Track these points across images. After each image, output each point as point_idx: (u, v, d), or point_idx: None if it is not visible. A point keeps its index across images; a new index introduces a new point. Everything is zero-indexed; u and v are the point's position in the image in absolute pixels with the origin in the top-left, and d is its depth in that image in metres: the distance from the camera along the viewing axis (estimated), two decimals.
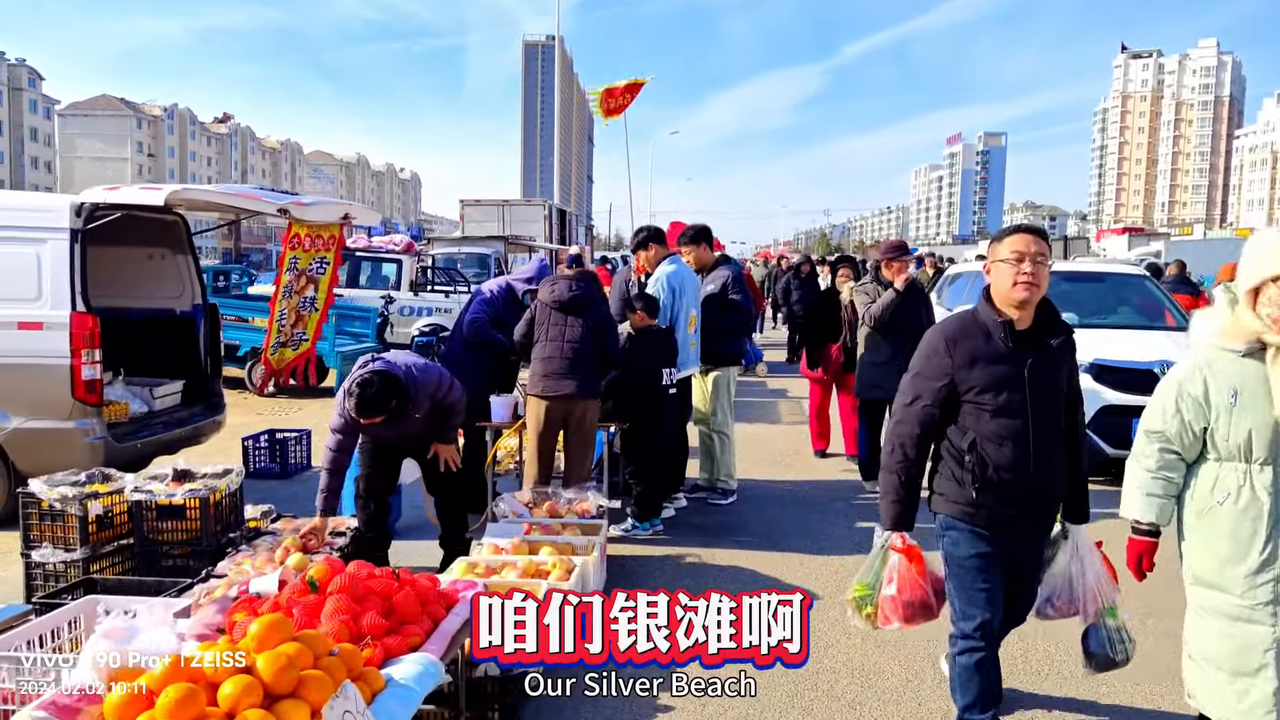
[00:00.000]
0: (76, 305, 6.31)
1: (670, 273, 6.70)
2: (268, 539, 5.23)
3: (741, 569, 5.77)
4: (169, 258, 7.78)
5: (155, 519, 5.00)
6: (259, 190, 6.61)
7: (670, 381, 6.33)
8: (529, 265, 7.22)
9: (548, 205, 26.83)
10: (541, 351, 6.05)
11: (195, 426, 7.60)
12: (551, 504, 5.79)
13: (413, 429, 5.29)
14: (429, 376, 5.29)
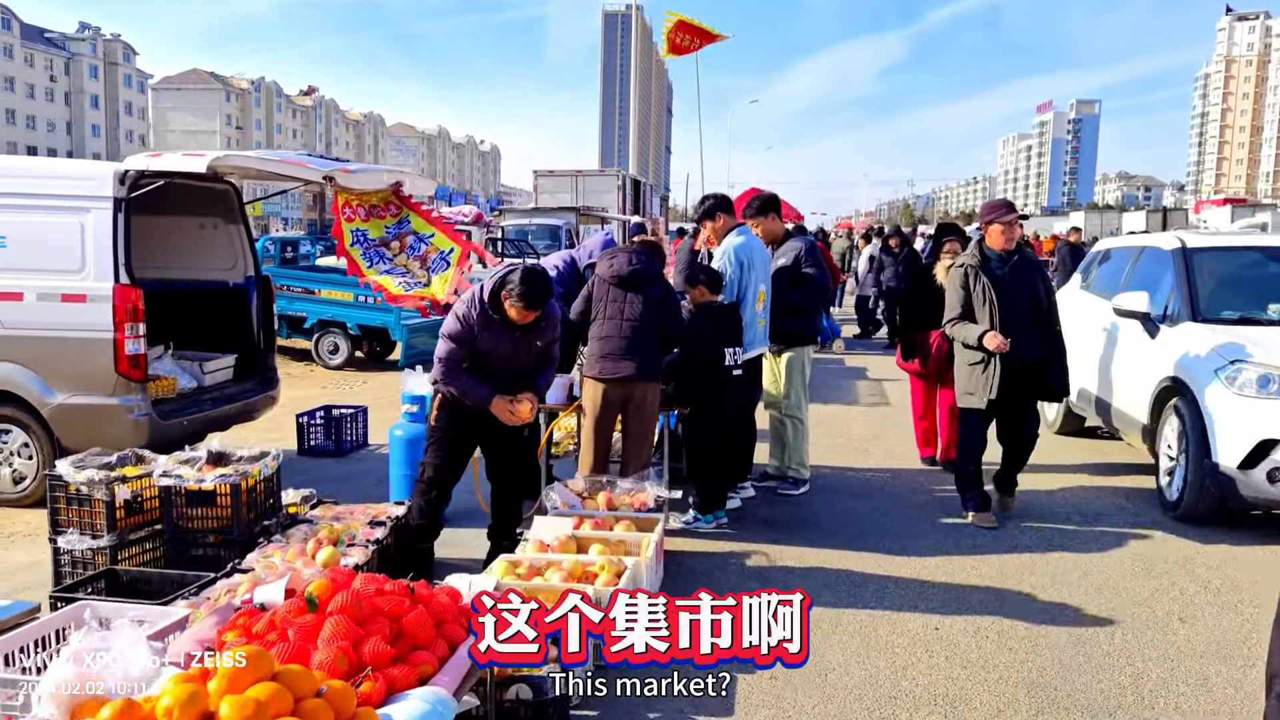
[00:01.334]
0: (120, 277, 6.06)
1: (738, 245, 6.20)
2: (304, 527, 4.92)
3: (812, 570, 5.29)
4: (221, 228, 7.54)
5: (185, 505, 4.72)
6: (304, 156, 6.29)
7: (735, 362, 5.83)
8: (594, 238, 6.75)
9: (621, 175, 26.36)
10: (599, 330, 5.61)
11: (247, 402, 7.37)
12: (607, 495, 5.37)
13: (527, 360, 4.98)
14: (553, 306, 5.04)
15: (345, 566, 4.35)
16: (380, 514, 5.16)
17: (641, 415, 5.66)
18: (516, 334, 4.83)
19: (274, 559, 4.43)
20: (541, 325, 4.89)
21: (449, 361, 4.83)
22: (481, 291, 4.82)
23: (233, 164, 6.14)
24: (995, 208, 6.19)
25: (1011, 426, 6.16)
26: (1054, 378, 6.04)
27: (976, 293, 5.91)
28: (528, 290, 4.66)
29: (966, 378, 6.01)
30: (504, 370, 4.94)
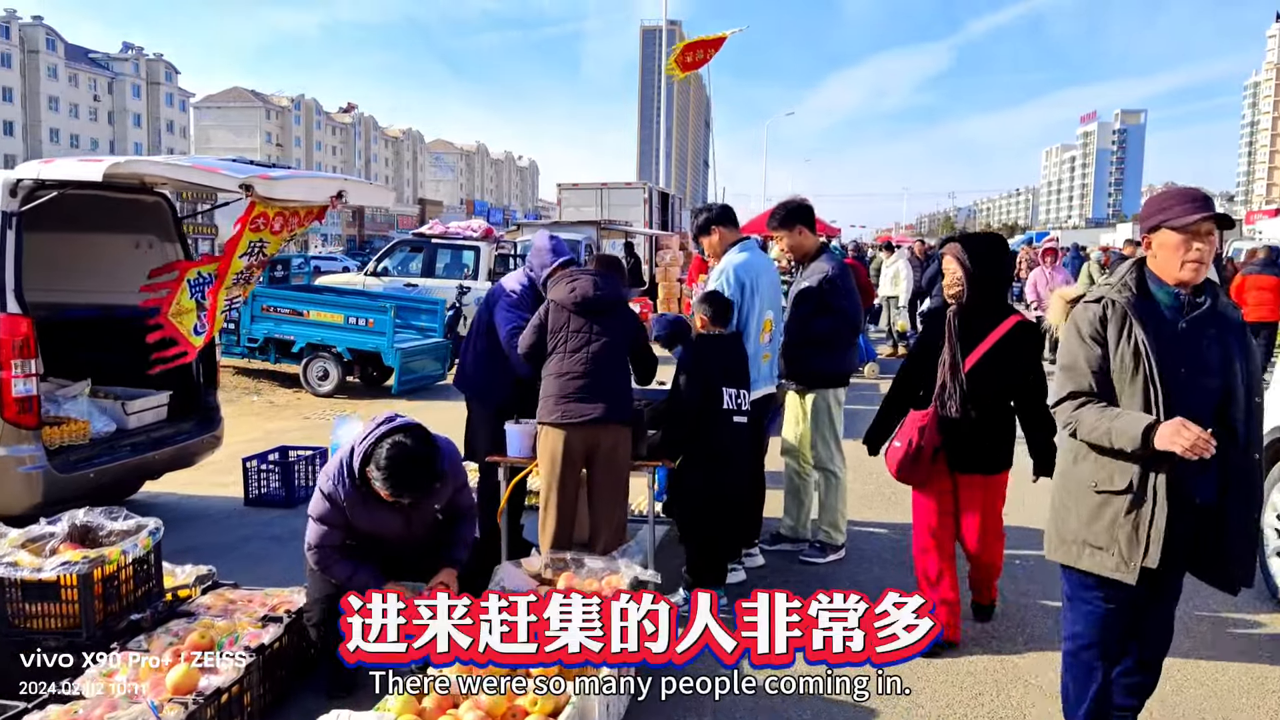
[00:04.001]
0: (7, 305, 5.12)
1: (739, 263, 5.11)
2: (181, 623, 3.89)
3: None
4: (156, 246, 6.59)
5: (21, 600, 3.71)
6: (220, 162, 5.31)
7: (737, 405, 4.74)
8: (538, 242, 5.37)
9: (648, 188, 25.32)
10: (558, 366, 4.57)
11: (182, 446, 6.39)
12: (570, 579, 4.29)
13: (425, 531, 4.00)
14: (454, 451, 4.10)
15: (206, 687, 3.33)
16: (281, 605, 4.13)
17: (612, 468, 4.60)
18: (405, 503, 3.82)
19: (118, 676, 3.41)
20: (437, 487, 3.89)
21: (322, 549, 3.85)
22: (347, 464, 3.80)
23: (134, 170, 5.17)
24: (1174, 200, 3.05)
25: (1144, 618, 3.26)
26: (1233, 547, 3.07)
27: (1121, 354, 3.00)
28: (394, 473, 3.65)
29: (1088, 516, 3.07)
30: (398, 548, 3.95)
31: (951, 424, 4.19)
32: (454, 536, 4.05)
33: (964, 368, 4.17)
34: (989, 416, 4.23)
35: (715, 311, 4.80)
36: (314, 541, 3.80)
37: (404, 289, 14.14)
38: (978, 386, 4.16)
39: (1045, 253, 14.95)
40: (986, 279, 4.21)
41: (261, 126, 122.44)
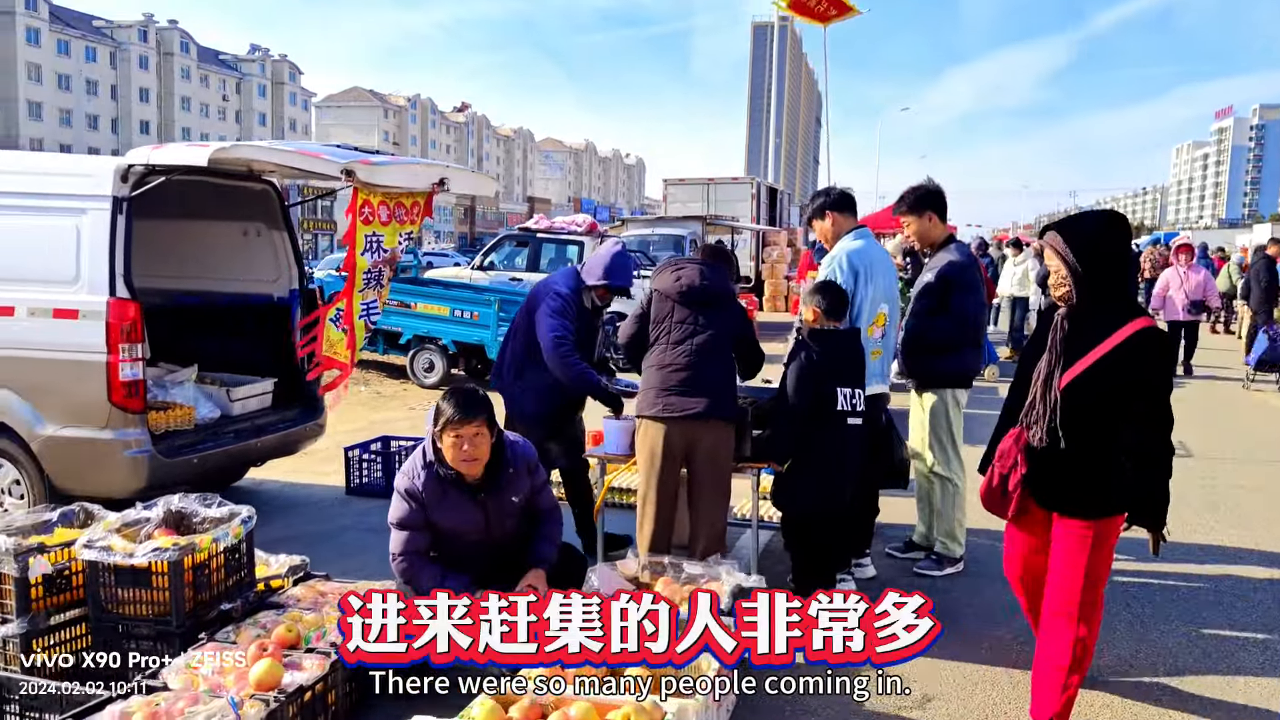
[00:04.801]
0: (116, 290, 5.16)
1: (853, 250, 4.80)
2: (269, 616, 3.80)
3: (953, 696, 3.85)
4: (265, 234, 6.62)
5: (114, 585, 3.67)
6: (322, 148, 5.27)
7: (851, 406, 4.43)
8: (601, 250, 5.24)
9: (755, 183, 24.93)
10: (660, 358, 4.35)
11: (286, 434, 6.40)
12: (668, 584, 4.07)
13: (508, 526, 3.84)
14: (531, 448, 3.98)
15: (289, 685, 3.22)
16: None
17: (714, 467, 4.36)
18: (481, 496, 3.71)
19: (203, 668, 3.33)
20: (508, 470, 3.76)
21: (408, 556, 3.73)
22: (424, 450, 3.73)
23: (240, 155, 5.16)
24: None
25: None
26: None
27: None
28: (454, 396, 3.68)
29: None
30: (483, 549, 3.79)
31: (1039, 452, 3.33)
32: (538, 536, 3.87)
33: (1059, 383, 3.27)
34: (1090, 445, 3.27)
35: (830, 304, 4.49)
36: (398, 549, 3.67)
37: (509, 283, 14.15)
38: (1076, 407, 3.25)
39: (1180, 249, 14.05)
40: (1101, 273, 3.25)
41: (379, 125, 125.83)
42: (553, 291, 4.98)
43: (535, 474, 3.85)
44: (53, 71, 76.62)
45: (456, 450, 3.59)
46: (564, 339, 4.81)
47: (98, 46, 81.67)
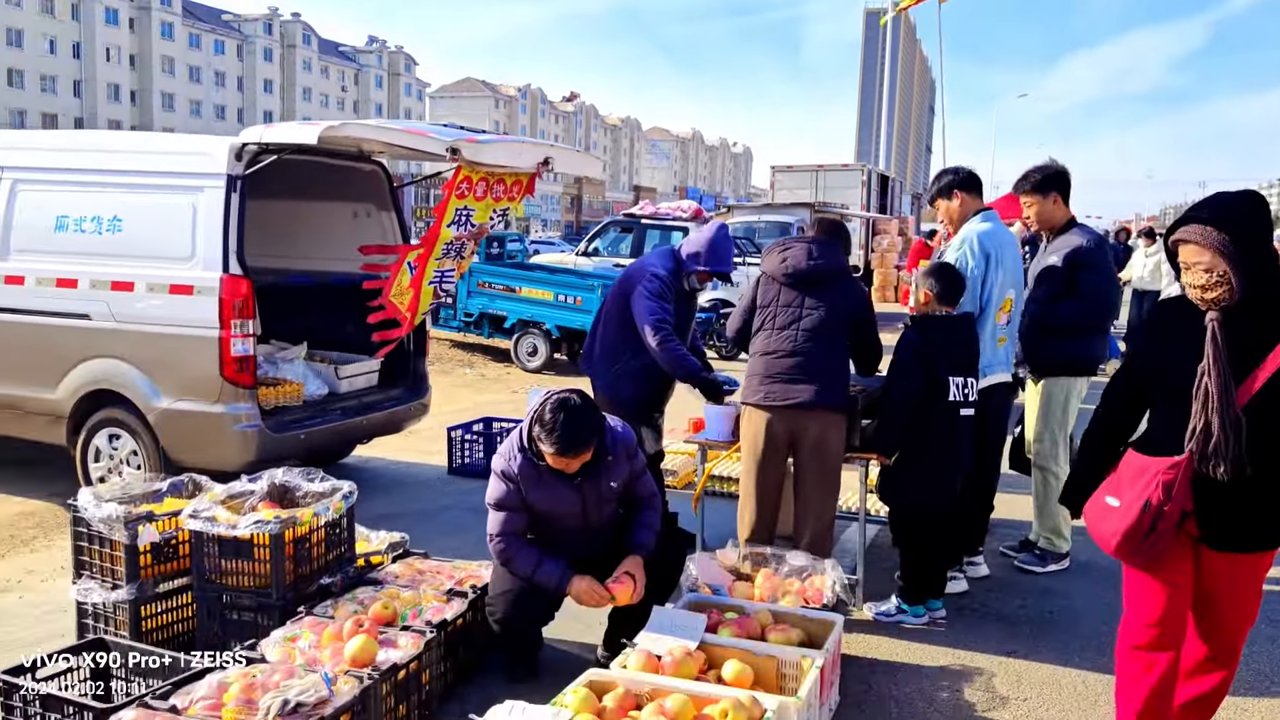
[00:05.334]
0: (229, 266, 5.25)
1: (984, 232, 4.54)
2: (367, 592, 3.80)
3: (1068, 710, 3.60)
4: (374, 215, 6.68)
5: (218, 555, 3.71)
6: (429, 126, 5.26)
7: (964, 396, 4.20)
8: (702, 231, 5.05)
9: (866, 170, 24.32)
10: (765, 344, 4.19)
11: (391, 412, 6.46)
12: (769, 577, 3.92)
13: (607, 512, 3.72)
14: (630, 433, 3.80)
15: (384, 662, 3.19)
16: (467, 579, 3.98)
17: (820, 458, 4.18)
18: (578, 480, 3.57)
19: (301, 641, 3.33)
20: (607, 459, 3.62)
21: (505, 537, 3.62)
22: (521, 436, 3.60)
23: (348, 134, 5.18)
24: None
25: None
26: None
27: None
28: (554, 426, 3.41)
29: None
30: (580, 534, 3.68)
31: (1214, 484, 2.67)
32: (637, 522, 3.75)
33: (1236, 402, 2.63)
34: (1267, 472, 2.69)
35: (944, 287, 4.25)
36: (495, 530, 3.60)
37: (613, 269, 14.11)
38: (1258, 430, 2.65)
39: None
40: (1261, 264, 2.66)
41: (490, 115, 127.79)
42: (650, 273, 4.84)
43: (634, 459, 3.74)
44: (184, 64, 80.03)
45: (554, 461, 3.51)
46: (663, 322, 4.68)
47: (226, 40, 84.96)
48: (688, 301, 5.07)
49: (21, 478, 6.25)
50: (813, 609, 3.67)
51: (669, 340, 4.69)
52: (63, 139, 6.90)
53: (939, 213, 4.82)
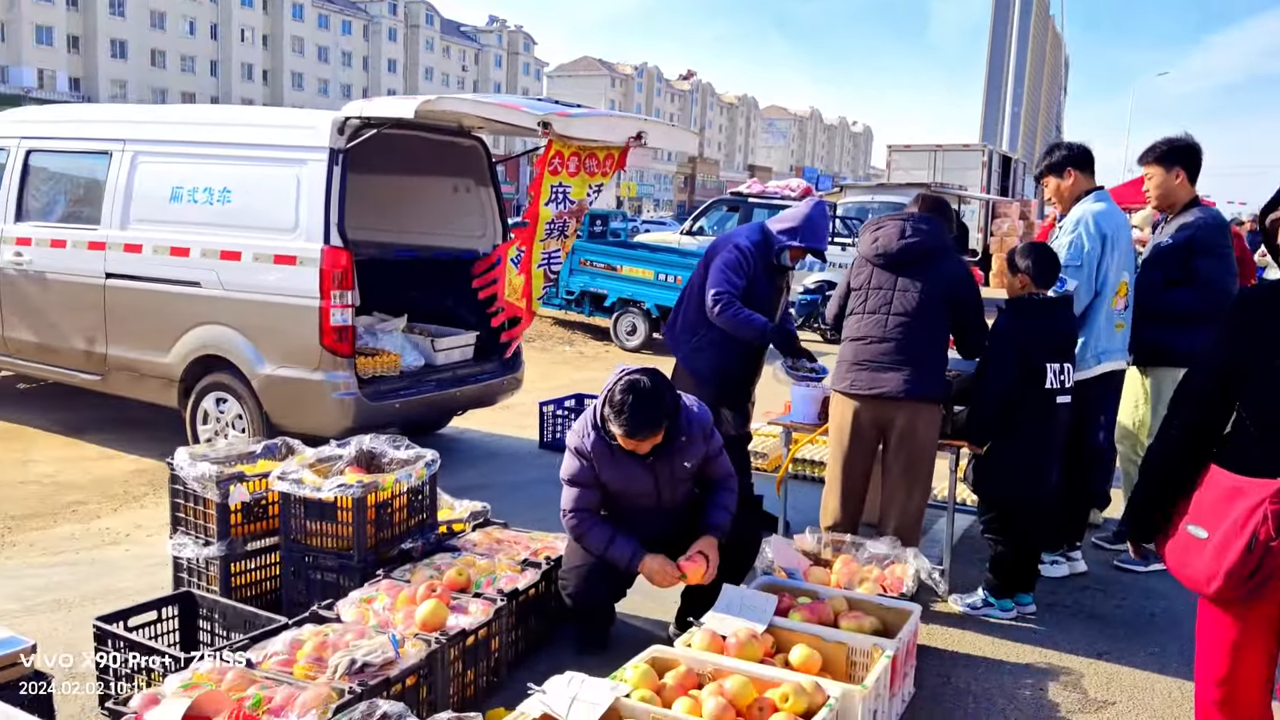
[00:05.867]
0: (330, 238, 5.39)
1: (1100, 212, 4.33)
2: (445, 558, 3.87)
3: (1126, 710, 3.42)
4: (473, 191, 6.77)
5: (304, 516, 3.83)
6: (522, 100, 5.28)
7: (1061, 383, 4.01)
8: (795, 207, 4.99)
9: (988, 150, 23.52)
10: (855, 328, 4.08)
11: (485, 385, 6.55)
12: (847, 563, 3.83)
13: (681, 492, 3.68)
14: (706, 413, 3.73)
15: (453, 627, 3.24)
16: (542, 550, 4.01)
17: (910, 449, 4.04)
18: (650, 460, 3.53)
19: (376, 603, 3.41)
20: (680, 439, 3.56)
21: (578, 513, 3.60)
22: (593, 413, 3.57)
23: (442, 108, 5.23)
24: None
25: None
26: None
27: None
28: (623, 408, 3.37)
29: None
30: (654, 513, 3.65)
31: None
32: (712, 503, 3.70)
33: None
34: None
35: (1040, 268, 4.05)
36: (569, 506, 3.60)
37: None
38: None
39: None
40: None
41: (606, 94, 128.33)
42: (733, 244, 4.76)
43: (710, 440, 3.69)
44: (313, 44, 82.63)
45: (624, 443, 3.48)
46: (723, 294, 4.57)
47: (353, 20, 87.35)
48: (775, 278, 4.97)
49: (139, 437, 6.57)
50: (890, 597, 3.58)
51: (729, 306, 4.59)
52: (179, 113, 7.20)
53: (1048, 190, 4.60)
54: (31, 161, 6.65)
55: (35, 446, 6.42)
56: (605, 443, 3.52)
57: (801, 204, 4.93)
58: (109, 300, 6.14)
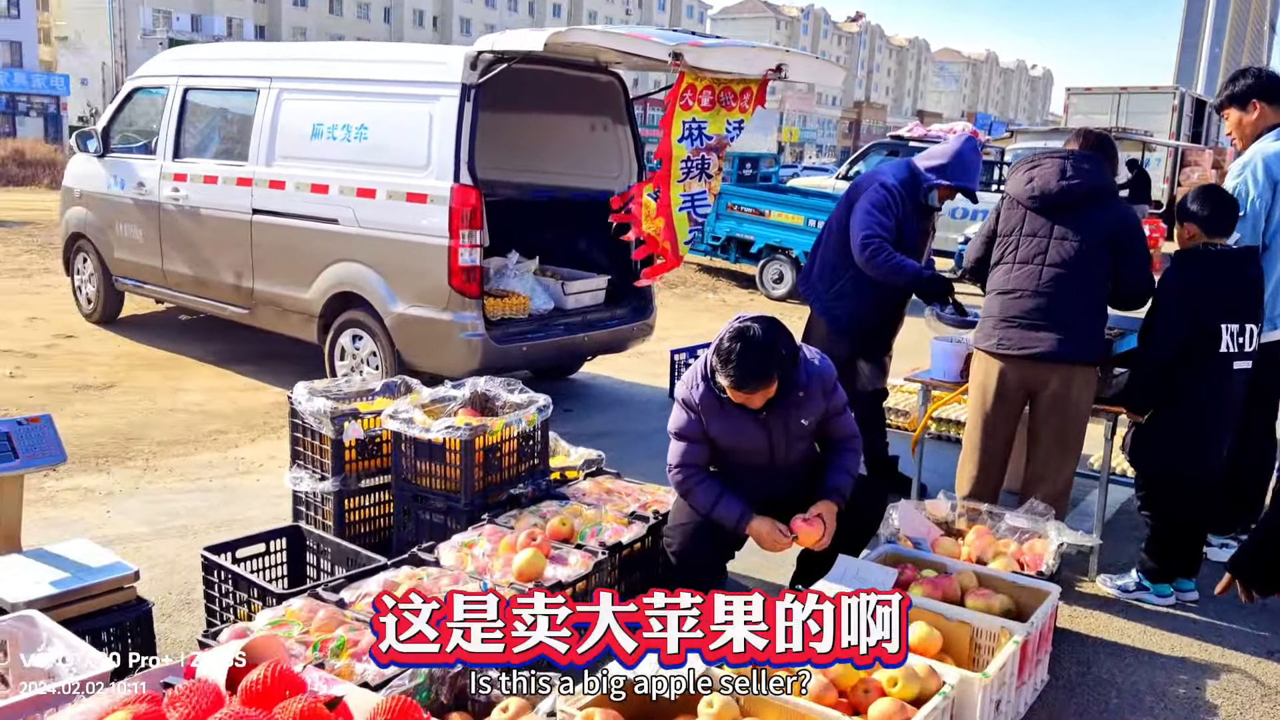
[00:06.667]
0: (460, 176, 5.32)
1: (1271, 155, 3.78)
2: (554, 505, 3.76)
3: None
4: (610, 130, 6.59)
5: (414, 456, 3.79)
6: (654, 30, 5.02)
7: (1239, 347, 3.52)
8: (945, 144, 4.61)
9: (1179, 94, 21.66)
10: (1003, 280, 3.69)
11: (614, 331, 6.43)
12: (981, 535, 3.51)
13: (786, 454, 3.41)
14: (829, 367, 3.44)
15: (550, 578, 3.13)
16: (652, 503, 3.84)
17: (1061, 415, 3.66)
18: (763, 415, 3.26)
19: (477, 548, 3.33)
20: (798, 394, 3.27)
21: (684, 468, 3.37)
22: (704, 363, 3.29)
23: (573, 40, 5.05)
24: None
25: None
26: None
27: None
28: (730, 358, 3.11)
29: None
30: (766, 472, 3.38)
31: None
32: (832, 465, 3.43)
33: None
34: None
35: (1211, 216, 3.54)
36: (675, 461, 3.40)
37: None
38: None
39: None
40: None
41: (770, 36, 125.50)
42: (878, 183, 4.41)
43: (832, 396, 3.41)
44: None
45: (733, 395, 3.25)
46: (873, 237, 4.24)
47: None
48: (922, 220, 4.61)
49: (285, 370, 6.75)
50: (1027, 575, 3.24)
51: (880, 251, 4.26)
52: (321, 50, 7.30)
53: (1228, 125, 4.05)
54: (189, 99, 6.86)
55: (189, 376, 6.70)
56: (714, 395, 3.29)
57: (951, 139, 4.53)
58: (255, 236, 6.30)
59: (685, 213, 5.45)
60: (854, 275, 4.52)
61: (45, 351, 7.10)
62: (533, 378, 7.10)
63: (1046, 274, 3.57)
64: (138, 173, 7.04)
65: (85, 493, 4.59)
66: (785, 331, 3.28)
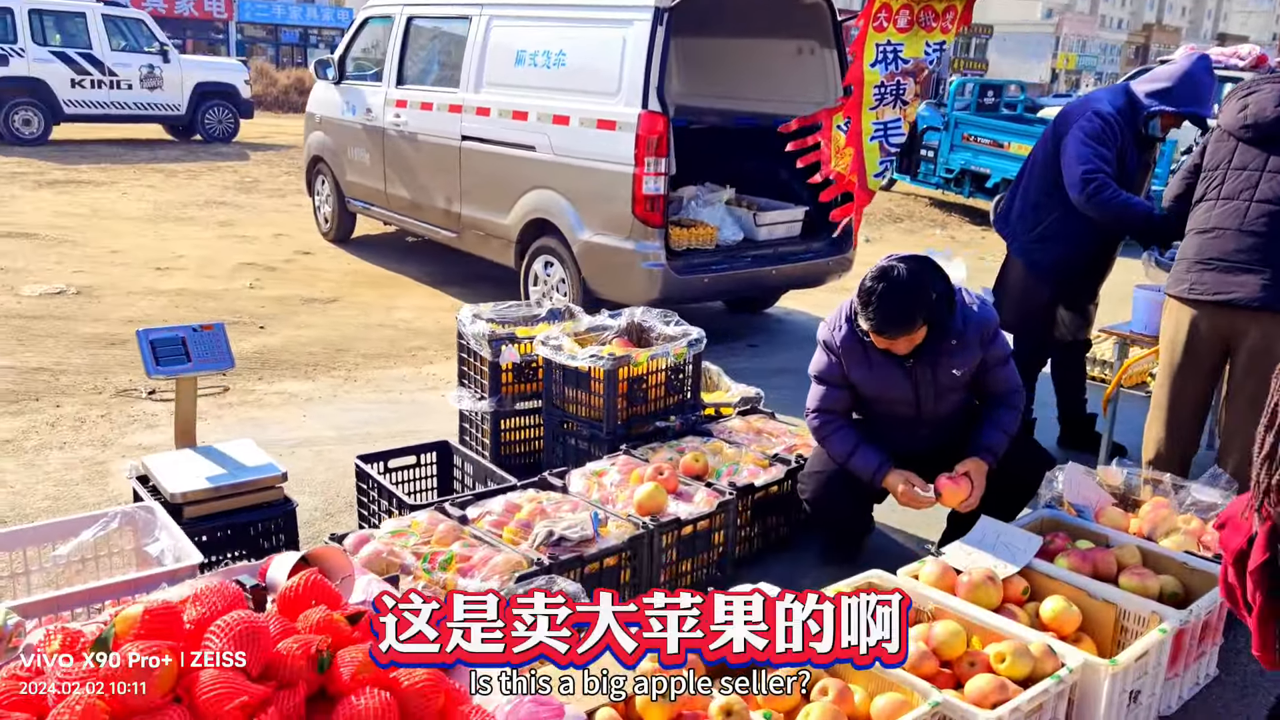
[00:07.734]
0: (649, 102, 5.26)
1: None
2: (697, 441, 3.70)
3: None
4: (817, 53, 6.29)
5: (562, 383, 3.83)
6: None
7: None
8: (1173, 63, 3.99)
9: None
10: (1202, 218, 3.23)
11: (808, 264, 6.21)
12: (1158, 507, 3.14)
13: (934, 405, 3.17)
14: (990, 314, 3.15)
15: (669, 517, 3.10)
16: (798, 447, 3.69)
17: (1263, 372, 3.16)
18: (909, 363, 3.00)
19: (606, 477, 3.34)
20: (950, 341, 2.99)
21: (822, 414, 3.17)
22: (851, 303, 3.03)
23: None
24: None
25: None
26: None
27: None
28: (870, 300, 2.88)
29: None
30: (911, 423, 3.14)
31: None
32: (987, 420, 3.14)
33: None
34: None
35: None
36: (813, 405, 3.21)
37: None
38: None
39: None
40: None
41: None
42: (1091, 110, 3.94)
43: (991, 345, 3.12)
44: None
45: (876, 340, 3.02)
46: (1094, 173, 3.80)
47: None
48: (1143, 152, 4.10)
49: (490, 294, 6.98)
50: (1202, 557, 2.87)
51: (1104, 188, 3.81)
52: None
53: None
54: (411, 27, 7.16)
55: (404, 295, 7.11)
56: (857, 338, 3.09)
57: (1179, 59, 3.98)
58: (463, 161, 6.53)
59: (877, 141, 5.13)
60: (1060, 215, 4.10)
61: (284, 266, 7.74)
62: (726, 310, 7.04)
63: (1255, 210, 3.09)
64: (366, 99, 7.46)
65: (289, 397, 4.98)
66: (938, 272, 3.02)
